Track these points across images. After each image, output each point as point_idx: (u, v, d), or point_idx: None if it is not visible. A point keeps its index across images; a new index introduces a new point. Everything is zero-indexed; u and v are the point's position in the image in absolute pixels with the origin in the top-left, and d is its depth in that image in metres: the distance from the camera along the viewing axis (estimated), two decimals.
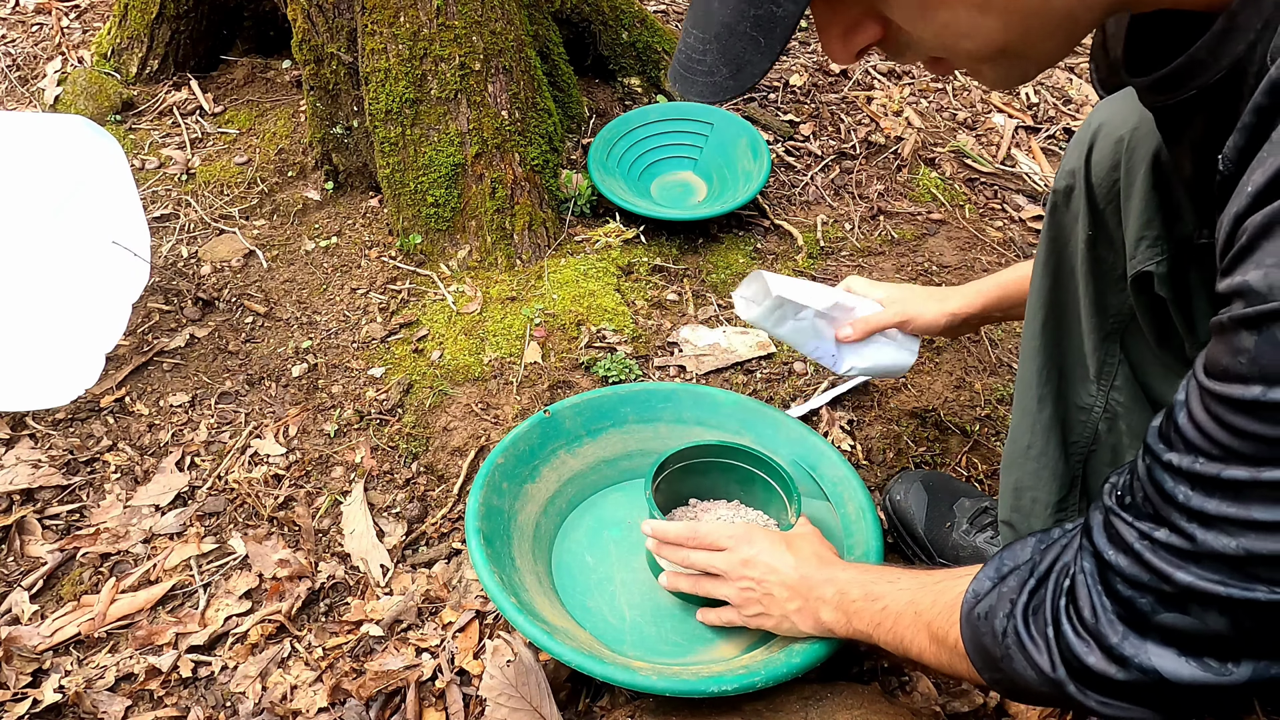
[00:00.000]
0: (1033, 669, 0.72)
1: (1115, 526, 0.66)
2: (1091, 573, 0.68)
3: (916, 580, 0.92)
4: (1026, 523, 1.14)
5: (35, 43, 2.50)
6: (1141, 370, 1.02)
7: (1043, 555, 0.75)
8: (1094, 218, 0.98)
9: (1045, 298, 1.06)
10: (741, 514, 1.29)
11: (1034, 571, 0.75)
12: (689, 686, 1.04)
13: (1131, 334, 1.01)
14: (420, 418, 1.56)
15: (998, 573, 0.78)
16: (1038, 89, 2.49)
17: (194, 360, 1.69)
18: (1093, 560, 0.68)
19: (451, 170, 1.82)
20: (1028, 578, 0.75)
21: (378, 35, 1.77)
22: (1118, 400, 1.04)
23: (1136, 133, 0.91)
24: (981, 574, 0.80)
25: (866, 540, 1.19)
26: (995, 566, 0.79)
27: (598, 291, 1.75)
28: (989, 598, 0.77)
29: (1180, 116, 0.72)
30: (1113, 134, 0.94)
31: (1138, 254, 0.93)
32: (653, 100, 2.24)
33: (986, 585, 0.78)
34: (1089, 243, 0.99)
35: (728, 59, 0.66)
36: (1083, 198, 0.98)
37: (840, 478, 1.29)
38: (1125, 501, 0.67)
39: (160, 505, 1.46)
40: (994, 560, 0.79)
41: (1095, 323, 1.02)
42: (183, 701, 1.21)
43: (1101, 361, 1.03)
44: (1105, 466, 1.08)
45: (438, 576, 1.34)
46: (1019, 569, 0.76)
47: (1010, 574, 0.77)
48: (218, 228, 1.97)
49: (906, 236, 2.01)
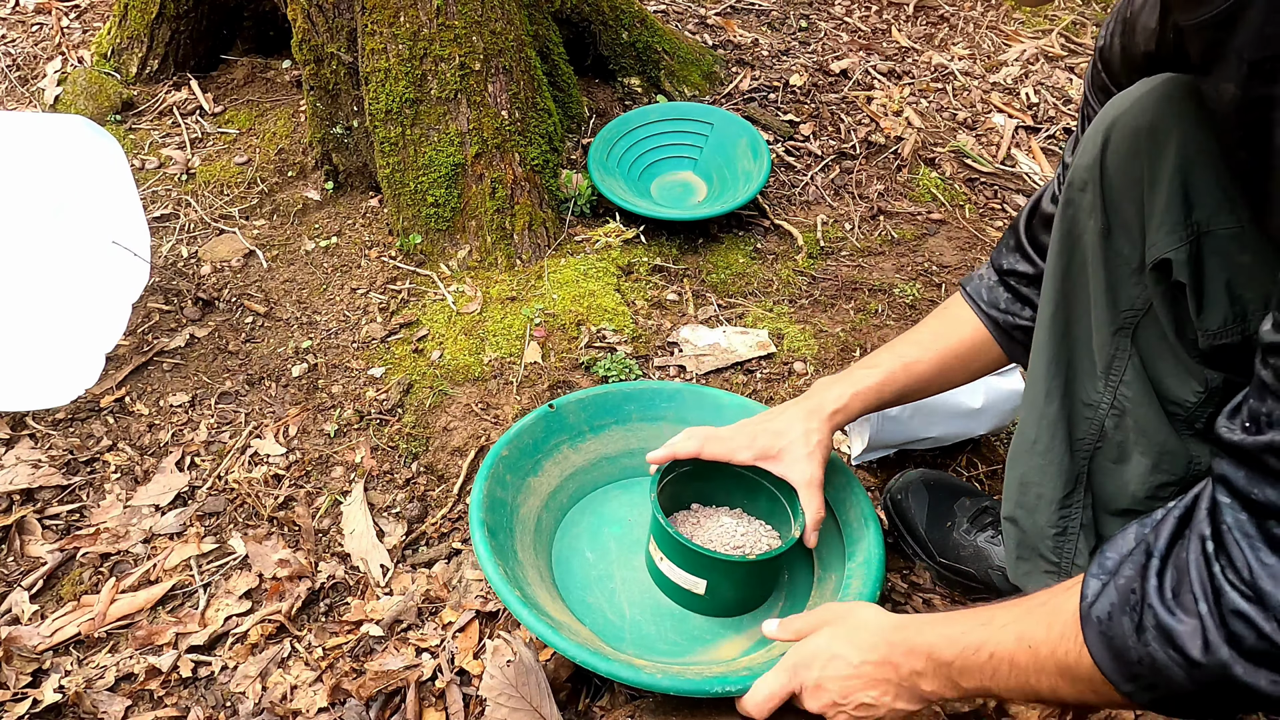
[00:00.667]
0: (1183, 660, 0.64)
1: (1259, 458, 0.60)
2: (1241, 525, 0.61)
3: (1013, 613, 0.83)
4: (1031, 519, 1.13)
5: (35, 43, 2.50)
6: (1152, 365, 1.01)
7: (1156, 535, 0.69)
8: (1109, 209, 0.97)
9: (1055, 293, 1.05)
10: (744, 524, 1.28)
11: (1152, 553, 0.68)
12: (694, 686, 1.04)
13: (1143, 328, 1.01)
14: (420, 418, 1.56)
15: (1104, 570, 0.72)
16: (1038, 89, 2.49)
17: (194, 360, 1.69)
18: (1239, 510, 0.62)
19: (451, 170, 1.82)
20: (1146, 561, 0.68)
21: (378, 35, 1.77)
22: (1126, 396, 1.03)
23: (1156, 122, 0.91)
24: (1088, 577, 0.73)
25: (868, 547, 1.19)
26: (1099, 564, 0.73)
27: (598, 291, 1.75)
28: (1105, 596, 0.71)
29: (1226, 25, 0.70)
30: (1129, 125, 0.93)
31: (1158, 240, 0.92)
32: (653, 100, 2.24)
33: (1097, 586, 0.72)
34: (1103, 234, 0.98)
35: None
36: (1098, 192, 0.97)
37: (841, 484, 1.29)
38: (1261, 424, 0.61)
39: (160, 505, 1.45)
40: (1095, 561, 0.74)
41: (1106, 317, 1.01)
42: (183, 701, 1.21)
43: (1111, 357, 1.03)
44: (1111, 463, 1.07)
45: (438, 576, 1.34)
46: (1129, 557, 0.70)
47: (1122, 565, 0.70)
48: (218, 228, 1.97)
49: (906, 236, 2.01)
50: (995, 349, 1.20)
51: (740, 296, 1.83)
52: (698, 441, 1.22)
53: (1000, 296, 1.18)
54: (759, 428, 1.22)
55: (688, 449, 1.22)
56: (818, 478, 1.17)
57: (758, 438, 1.20)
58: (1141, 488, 1.05)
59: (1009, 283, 1.18)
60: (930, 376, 1.22)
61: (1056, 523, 1.11)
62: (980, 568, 1.27)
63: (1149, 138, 0.92)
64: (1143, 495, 1.05)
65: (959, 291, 1.24)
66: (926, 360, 1.21)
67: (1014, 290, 1.17)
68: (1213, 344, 0.94)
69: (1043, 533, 1.12)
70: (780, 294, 1.84)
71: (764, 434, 1.20)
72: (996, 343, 1.19)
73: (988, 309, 1.19)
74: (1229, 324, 0.93)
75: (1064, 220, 1.02)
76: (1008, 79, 2.53)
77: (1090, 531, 1.10)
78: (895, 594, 1.31)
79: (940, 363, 1.21)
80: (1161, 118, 0.91)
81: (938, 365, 1.21)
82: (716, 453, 1.21)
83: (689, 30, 2.54)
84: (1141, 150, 0.93)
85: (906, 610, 1.29)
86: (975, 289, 1.21)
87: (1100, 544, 1.10)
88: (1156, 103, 0.92)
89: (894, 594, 1.31)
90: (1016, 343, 1.18)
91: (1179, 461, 1.03)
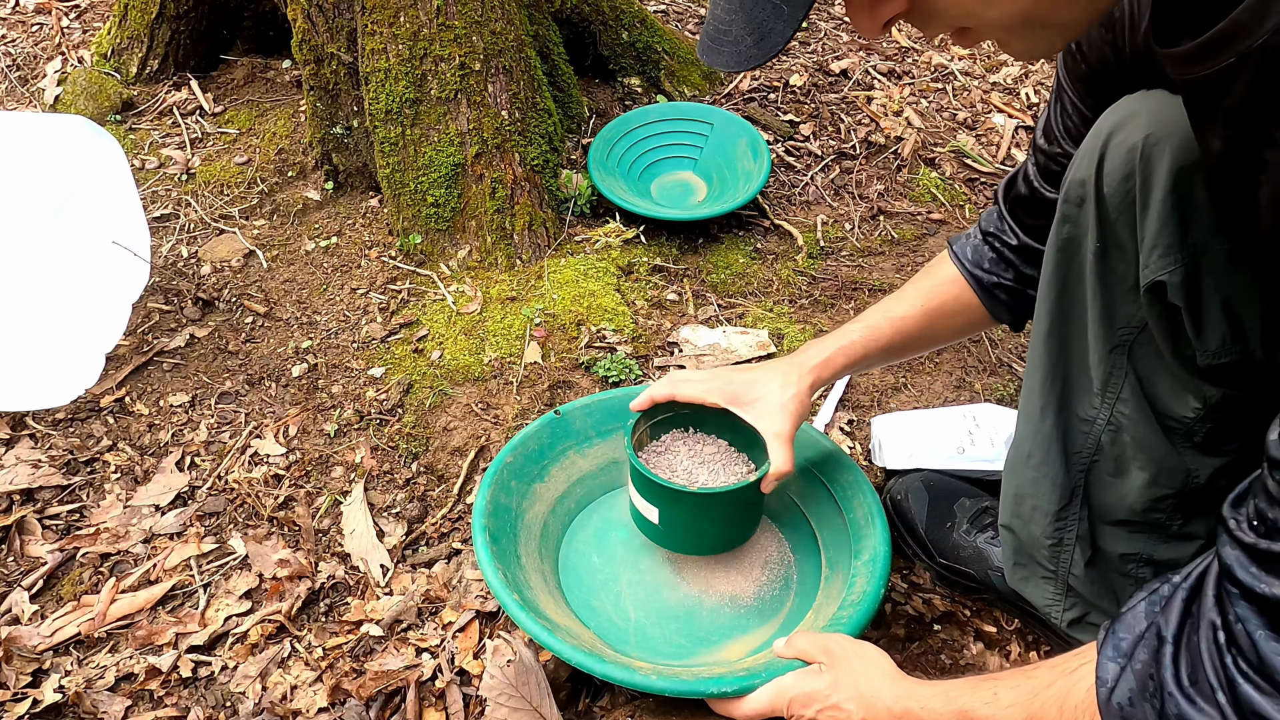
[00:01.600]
0: None
1: (1264, 554, 0.62)
2: (1251, 618, 0.62)
3: (1020, 690, 0.81)
4: (1026, 529, 1.13)
5: (35, 43, 2.50)
6: (1149, 382, 1.01)
7: (1166, 617, 0.70)
8: (1104, 228, 0.96)
9: (1052, 307, 1.04)
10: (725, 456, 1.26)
11: (1163, 638, 0.69)
12: (689, 687, 1.04)
13: (1139, 346, 1.00)
14: (420, 418, 1.56)
15: (1120, 653, 0.71)
16: (1037, 89, 2.49)
17: (194, 360, 1.69)
18: (1249, 603, 0.63)
19: (451, 170, 1.82)
20: (1159, 647, 0.69)
21: (378, 35, 1.77)
22: (1122, 413, 1.02)
23: (1151, 140, 0.90)
24: (1102, 659, 0.72)
25: (874, 546, 1.19)
26: (1113, 646, 0.72)
27: (598, 291, 1.75)
28: (1124, 682, 0.70)
29: (1217, 87, 0.69)
30: (1125, 142, 0.92)
31: (1151, 263, 0.91)
32: (653, 100, 2.24)
33: (1114, 670, 0.71)
34: (1098, 253, 0.98)
35: (752, 27, 0.70)
36: (1093, 208, 0.96)
37: (849, 481, 1.28)
38: (1264, 528, 0.62)
39: (160, 505, 1.46)
40: (1108, 639, 0.73)
41: (1103, 334, 1.01)
42: (183, 701, 1.21)
43: (1107, 374, 1.02)
44: (1108, 477, 1.06)
45: (438, 576, 1.34)
46: (1144, 640, 0.70)
47: (1136, 648, 0.70)
48: (218, 228, 1.97)
49: (906, 236, 2.01)
50: (979, 308, 1.21)
51: (740, 296, 1.83)
52: (670, 383, 1.23)
53: (985, 256, 1.19)
54: (737, 374, 1.22)
55: (662, 391, 1.22)
56: (786, 431, 1.16)
57: (732, 382, 1.21)
58: (1139, 501, 1.04)
59: (993, 244, 1.19)
60: (915, 333, 1.22)
61: (1052, 534, 1.11)
62: (980, 568, 1.27)
63: (1142, 157, 0.91)
64: (1140, 508, 1.05)
65: (946, 249, 1.24)
66: (912, 316, 1.21)
67: (999, 252, 1.18)
68: (1211, 363, 0.93)
69: (1038, 543, 1.12)
70: (780, 294, 1.84)
71: (740, 380, 1.21)
72: (980, 301, 1.20)
73: (972, 268, 1.20)
74: (1227, 343, 0.92)
75: (1059, 235, 1.01)
76: (1008, 79, 2.53)
77: (1086, 542, 1.10)
78: (895, 594, 1.31)
79: (925, 318, 1.22)
80: (1155, 138, 0.90)
81: (923, 321, 1.22)
82: (690, 394, 1.21)
83: (689, 30, 2.54)
84: (1135, 170, 0.91)
85: (906, 610, 1.29)
86: (961, 248, 1.22)
87: (1097, 556, 1.10)
88: (1150, 121, 0.90)
89: (894, 594, 1.31)
90: (999, 302, 1.19)
91: (1177, 476, 1.02)
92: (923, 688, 0.93)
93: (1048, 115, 1.09)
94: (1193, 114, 0.78)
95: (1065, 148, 1.05)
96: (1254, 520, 0.64)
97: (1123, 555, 1.09)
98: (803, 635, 1.08)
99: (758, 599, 1.24)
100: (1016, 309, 1.19)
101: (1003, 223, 1.18)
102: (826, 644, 1.04)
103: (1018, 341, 1.74)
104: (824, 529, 1.29)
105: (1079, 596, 1.13)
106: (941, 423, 1.47)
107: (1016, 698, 0.81)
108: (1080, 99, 1.02)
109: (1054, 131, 1.07)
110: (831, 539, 1.26)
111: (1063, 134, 1.05)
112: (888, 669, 0.97)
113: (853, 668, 0.99)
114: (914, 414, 1.50)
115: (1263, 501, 0.63)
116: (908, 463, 1.42)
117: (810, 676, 1.01)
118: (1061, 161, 1.05)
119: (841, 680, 0.98)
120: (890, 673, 0.97)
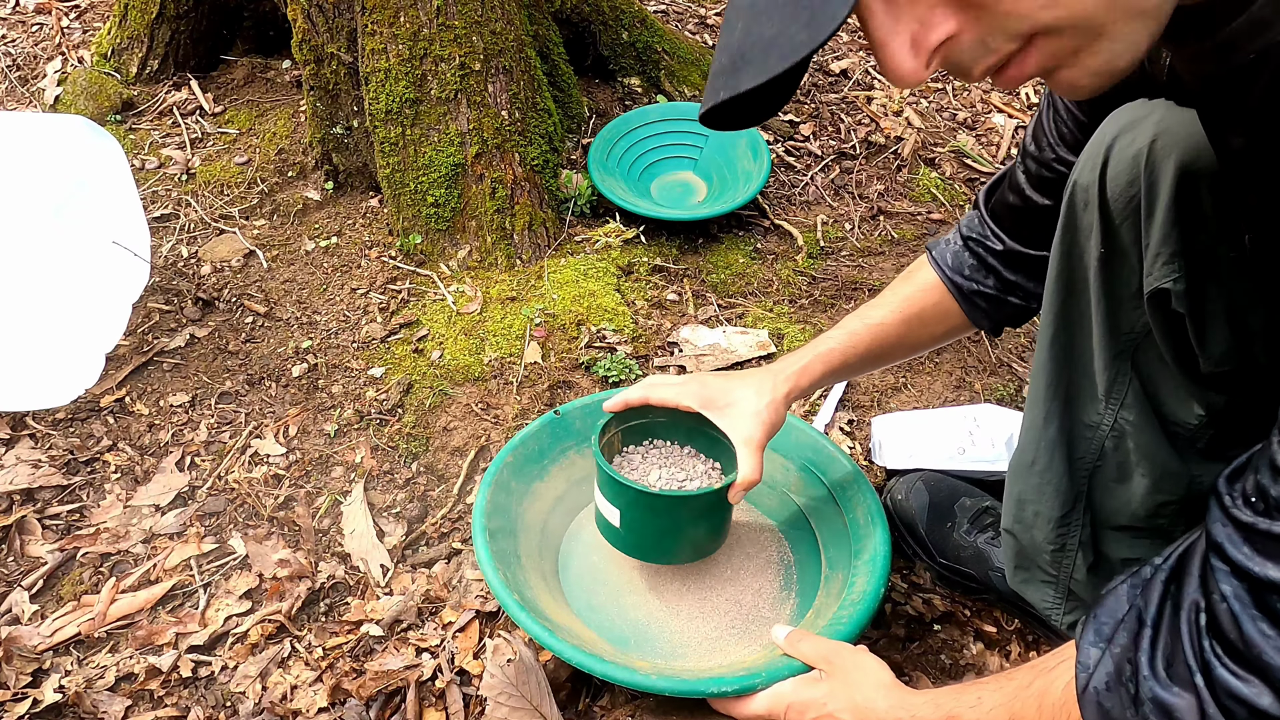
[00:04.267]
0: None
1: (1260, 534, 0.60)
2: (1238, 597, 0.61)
3: (1002, 691, 0.82)
4: (1029, 534, 1.13)
5: (35, 43, 2.50)
6: (1153, 388, 1.00)
7: (1146, 599, 0.69)
8: (1108, 234, 0.96)
9: (1056, 315, 1.04)
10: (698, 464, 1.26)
11: (1143, 620, 0.68)
12: (689, 686, 1.04)
13: (1143, 352, 0.99)
14: (420, 418, 1.56)
15: (1100, 636, 0.71)
16: (1037, 89, 2.49)
17: (194, 360, 1.69)
18: (1237, 582, 0.61)
19: (451, 170, 1.82)
20: (1138, 629, 0.68)
21: (378, 35, 1.77)
22: (1126, 419, 1.02)
23: (1156, 145, 0.89)
24: (1083, 644, 0.72)
25: (875, 546, 1.19)
26: (1094, 630, 0.72)
27: (598, 291, 1.75)
28: (1103, 666, 0.70)
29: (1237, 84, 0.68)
30: (1128, 149, 0.91)
31: (1155, 270, 0.91)
32: (653, 100, 2.24)
33: (1094, 655, 0.71)
34: (1102, 260, 0.97)
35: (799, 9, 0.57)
36: (1096, 214, 0.96)
37: (849, 482, 1.29)
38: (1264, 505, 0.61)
39: (160, 505, 1.45)
40: (1089, 625, 0.73)
41: (1107, 341, 1.00)
42: (183, 701, 1.21)
43: (1111, 380, 1.02)
44: (1111, 483, 1.06)
45: (438, 576, 1.34)
46: (1123, 623, 0.70)
47: (1116, 632, 0.70)
48: (218, 228, 1.97)
49: (906, 236, 2.01)
50: (959, 314, 1.20)
51: (740, 296, 1.83)
52: (645, 386, 1.22)
53: (965, 262, 1.18)
54: (712, 378, 1.21)
55: (636, 394, 1.22)
56: (757, 438, 1.14)
57: (707, 386, 1.20)
58: (1143, 507, 1.04)
59: (974, 250, 1.17)
60: (894, 339, 1.21)
61: (1054, 540, 1.11)
62: (981, 569, 1.27)
63: (1147, 164, 0.90)
64: (1144, 514, 1.05)
65: (925, 254, 1.23)
66: (891, 321, 1.21)
67: (980, 258, 1.17)
68: (1214, 370, 0.93)
69: (1040, 548, 1.12)
70: (780, 294, 1.84)
71: (715, 385, 1.20)
72: (960, 308, 1.19)
73: (951, 274, 1.18)
74: (1232, 350, 0.91)
75: (1064, 240, 1.01)
76: None
77: (1089, 548, 1.09)
78: (895, 594, 1.31)
79: (904, 324, 1.21)
80: (1160, 144, 0.89)
81: (902, 328, 1.21)
82: (664, 397, 1.21)
83: (689, 30, 2.54)
84: (1139, 176, 0.91)
85: (906, 610, 1.29)
86: (940, 254, 1.20)
87: (1099, 562, 1.10)
88: (1155, 127, 0.90)
89: (894, 594, 1.31)
90: (979, 309, 1.18)
91: (1180, 482, 1.02)
92: (913, 696, 0.95)
93: (1039, 120, 1.08)
94: (1209, 113, 0.77)
95: (1058, 153, 1.04)
96: (1252, 496, 0.62)
97: (1125, 561, 1.09)
98: (807, 640, 1.08)
99: (758, 599, 1.24)
100: (996, 316, 1.18)
101: (984, 227, 1.16)
102: (828, 653, 1.05)
103: (1018, 342, 1.74)
104: (824, 529, 1.29)
105: (1080, 601, 1.13)
106: (942, 423, 1.47)
107: (999, 700, 0.82)
108: (1074, 103, 1.02)
109: (1045, 137, 1.06)
110: (831, 539, 1.26)
111: (1055, 139, 1.05)
112: (884, 680, 0.98)
113: (850, 679, 1.00)
114: (914, 414, 1.50)
115: (1265, 476, 0.61)
116: (908, 463, 1.42)
117: (808, 685, 1.03)
118: (1054, 167, 1.05)
119: (838, 690, 1.00)
120: (886, 684, 0.98)
